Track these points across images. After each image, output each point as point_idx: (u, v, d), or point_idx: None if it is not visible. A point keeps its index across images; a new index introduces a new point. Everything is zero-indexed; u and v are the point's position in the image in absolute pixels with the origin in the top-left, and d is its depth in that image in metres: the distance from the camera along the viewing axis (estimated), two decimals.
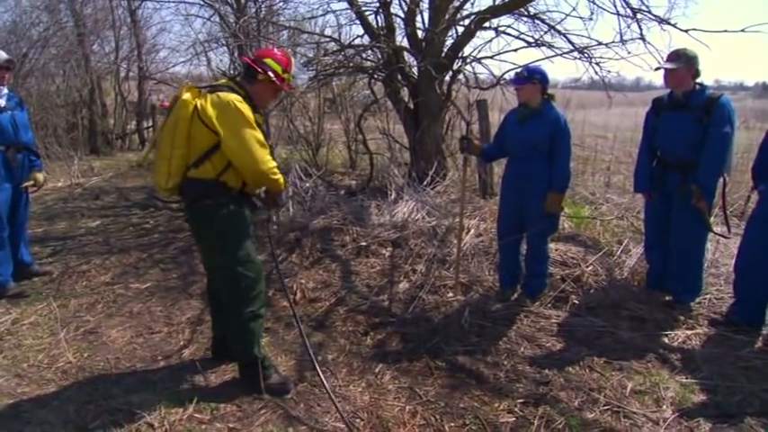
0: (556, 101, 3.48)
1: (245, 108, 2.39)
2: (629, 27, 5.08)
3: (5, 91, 3.78)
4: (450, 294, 3.71)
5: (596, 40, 5.43)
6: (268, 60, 2.53)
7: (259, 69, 2.50)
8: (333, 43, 6.58)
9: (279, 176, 2.51)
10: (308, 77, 6.62)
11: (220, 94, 2.38)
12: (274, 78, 2.51)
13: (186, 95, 2.38)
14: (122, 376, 2.82)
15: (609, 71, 5.58)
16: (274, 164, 2.47)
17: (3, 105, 3.74)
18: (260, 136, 2.41)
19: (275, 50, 2.65)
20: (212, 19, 6.51)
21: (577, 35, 5.64)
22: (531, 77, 3.34)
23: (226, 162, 2.42)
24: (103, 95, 11.53)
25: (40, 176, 4.05)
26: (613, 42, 5.23)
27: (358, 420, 2.46)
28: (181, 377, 2.81)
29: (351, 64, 6.31)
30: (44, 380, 2.77)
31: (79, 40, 10.03)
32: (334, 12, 7.00)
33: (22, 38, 9.40)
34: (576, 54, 5.50)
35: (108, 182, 8.10)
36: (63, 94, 10.26)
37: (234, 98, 2.38)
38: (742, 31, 4.36)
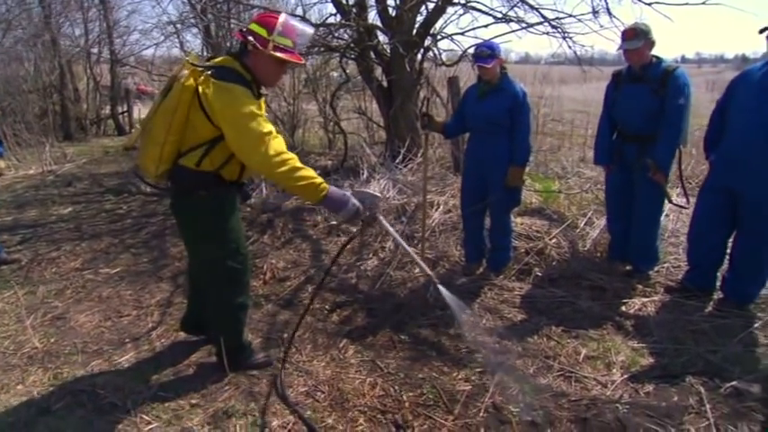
0: (523, 75, 3.50)
1: (251, 102, 2.18)
2: (601, 1, 5.10)
3: None
4: (417, 270, 3.78)
5: (565, 13, 5.45)
6: (252, 25, 2.28)
7: (244, 40, 2.28)
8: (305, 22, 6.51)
9: (305, 183, 2.20)
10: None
11: (227, 84, 2.17)
12: (260, 46, 2.22)
13: (189, 81, 2.19)
14: (89, 360, 2.85)
15: (583, 45, 5.63)
16: (295, 170, 2.19)
17: None
18: (268, 141, 2.15)
19: (272, 14, 2.35)
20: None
21: (551, 9, 5.66)
22: (495, 54, 3.35)
23: (226, 157, 2.31)
24: (75, 80, 11.30)
25: (2, 164, 4.01)
26: (583, 14, 5.26)
27: (318, 393, 2.52)
28: (147, 358, 2.85)
29: (322, 43, 6.26)
30: (9, 365, 2.79)
31: (45, 22, 9.77)
32: None
33: None
34: (548, 28, 5.51)
35: (81, 168, 8.00)
36: (32, 78, 10.02)
37: (240, 92, 2.18)
38: (703, 3, 4.42)
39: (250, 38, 2.25)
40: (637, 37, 3.24)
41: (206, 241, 2.46)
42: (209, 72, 2.22)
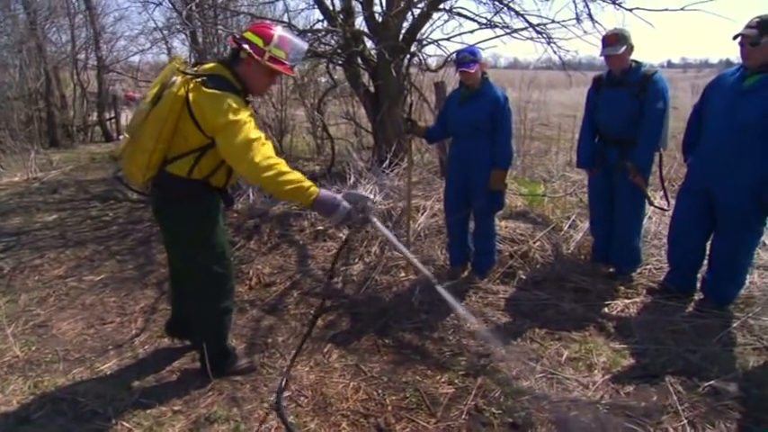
0: (510, 80, 3.54)
1: (243, 110, 2.19)
2: (585, 6, 5.18)
3: None
4: (402, 274, 3.79)
5: (549, 19, 5.52)
6: (247, 34, 2.30)
7: (237, 45, 2.29)
8: (290, 29, 6.54)
9: (292, 187, 2.20)
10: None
11: (217, 92, 2.17)
12: (252, 52, 2.24)
13: (181, 90, 2.19)
14: (70, 367, 2.83)
15: (567, 51, 5.72)
16: (285, 176, 2.18)
17: None
18: (259, 149, 2.16)
19: (267, 25, 2.39)
20: (164, 4, 6.37)
21: (535, 15, 5.73)
22: (477, 59, 3.38)
23: (215, 165, 2.33)
24: (62, 86, 11.22)
25: None
26: (566, 20, 5.33)
27: (302, 398, 2.52)
28: (130, 365, 2.83)
29: (309, 49, 6.27)
30: None
31: (31, 28, 9.71)
32: None
33: None
34: (532, 33, 5.58)
35: (67, 175, 7.94)
36: (17, 85, 9.94)
37: (232, 101, 2.18)
38: (681, 9, 4.49)
39: (246, 46, 2.26)
40: (619, 42, 3.29)
41: (192, 247, 2.46)
42: (200, 80, 2.22)
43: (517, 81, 11.89)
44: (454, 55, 4.08)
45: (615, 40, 3.30)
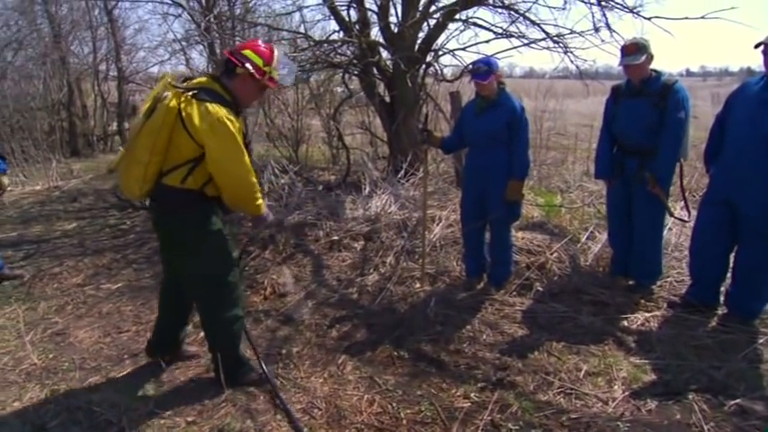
0: (527, 90, 3.52)
1: (236, 127, 2.30)
2: (603, 15, 5.14)
3: None
4: (418, 285, 3.76)
5: (566, 29, 5.49)
6: (247, 52, 2.39)
7: (237, 62, 2.37)
8: (307, 40, 6.60)
9: (260, 202, 2.45)
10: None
11: (209, 106, 2.26)
12: (254, 71, 2.36)
13: (173, 102, 2.26)
14: (86, 376, 2.84)
15: (585, 60, 5.67)
16: (258, 189, 2.42)
17: None
18: (246, 160, 2.34)
19: (259, 42, 2.49)
20: (183, 17, 6.49)
21: (552, 25, 5.69)
22: (492, 70, 3.36)
23: (209, 175, 2.37)
24: (83, 97, 11.45)
25: (5, 180, 4.05)
26: (586, 31, 5.30)
27: (315, 410, 2.50)
28: (145, 374, 2.84)
29: (326, 59, 6.32)
30: (7, 382, 2.79)
31: (55, 41, 9.95)
32: (308, 8, 7.02)
33: None
34: (549, 43, 5.55)
35: (87, 184, 8.07)
36: (41, 96, 10.17)
37: (224, 114, 2.27)
38: (702, 17, 4.43)
39: (248, 65, 2.36)
40: (638, 51, 3.25)
41: (196, 256, 2.48)
42: (191, 93, 2.30)
43: (533, 90, 11.86)
44: (471, 65, 4.07)
45: (635, 50, 3.26)
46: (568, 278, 3.78)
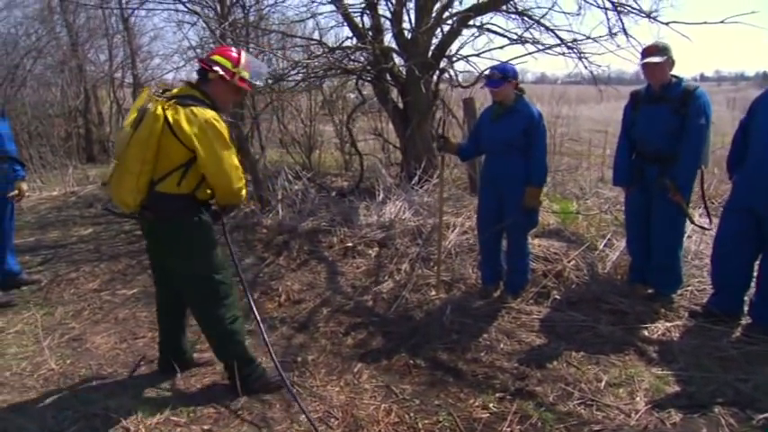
0: (539, 95, 3.49)
1: (223, 126, 2.38)
2: (617, 21, 5.10)
3: None
4: (433, 293, 3.73)
5: (583, 35, 5.45)
6: (216, 57, 2.49)
7: (208, 67, 2.47)
8: (320, 46, 6.62)
9: (245, 192, 2.56)
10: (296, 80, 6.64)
11: (194, 109, 2.32)
12: (223, 74, 2.44)
13: (158, 110, 2.30)
14: (103, 382, 2.85)
15: (599, 66, 5.61)
16: (243, 183, 2.51)
17: None
18: (235, 157, 2.44)
19: (230, 48, 2.60)
20: (198, 24, 6.53)
21: (566, 30, 5.66)
22: (507, 77, 3.34)
23: (200, 177, 2.43)
24: (99, 104, 11.59)
25: (24, 186, 4.09)
26: (601, 36, 5.25)
27: (332, 419, 2.48)
28: (161, 381, 2.83)
29: (339, 66, 6.34)
30: (25, 387, 2.80)
31: (72, 49, 10.10)
32: (321, 14, 7.03)
33: (15, 48, 9.46)
34: (563, 49, 5.52)
35: (102, 190, 8.15)
36: (58, 103, 10.32)
37: (211, 116, 2.35)
38: (721, 22, 4.37)
39: (217, 68, 2.45)
40: (659, 53, 3.21)
41: (189, 259, 2.52)
42: (175, 100, 2.36)
43: (546, 96, 11.79)
44: (486, 71, 4.05)
45: (655, 50, 3.23)
46: (586, 286, 3.73)
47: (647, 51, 3.25)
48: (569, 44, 5.47)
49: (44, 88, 10.31)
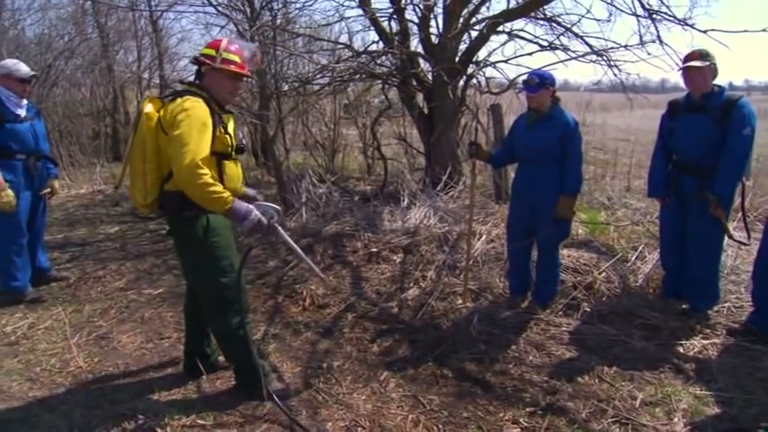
0: (561, 101, 3.43)
1: (197, 110, 2.28)
2: (648, 29, 5.00)
3: (25, 102, 3.89)
4: (460, 301, 3.67)
5: (614, 42, 5.36)
6: (203, 51, 2.50)
7: (197, 63, 2.48)
8: (347, 50, 6.63)
9: (218, 196, 2.23)
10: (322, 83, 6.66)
11: (179, 99, 2.33)
12: (208, 61, 2.42)
13: (149, 108, 2.35)
14: (130, 381, 2.86)
15: (629, 73, 5.50)
16: (209, 182, 2.21)
17: (23, 116, 3.85)
18: (201, 146, 2.22)
19: (218, 39, 2.56)
20: (227, 27, 6.60)
21: (595, 37, 5.57)
22: (544, 83, 3.29)
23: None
24: (127, 104, 11.80)
25: (57, 184, 4.16)
26: (632, 45, 5.15)
27: (359, 429, 2.44)
28: (187, 383, 2.83)
29: (365, 70, 6.33)
30: (55, 384, 2.83)
31: (103, 50, 10.30)
32: (348, 18, 7.05)
33: (49, 49, 9.68)
34: (593, 57, 5.43)
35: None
36: (87, 103, 10.53)
37: (189, 104, 2.29)
38: (763, 30, 4.23)
39: (202, 58, 2.45)
40: (701, 58, 3.13)
41: (197, 260, 2.50)
42: (168, 98, 2.39)
43: (569, 103, 11.60)
44: (521, 78, 3.99)
45: (698, 56, 3.14)
46: (617, 299, 3.63)
47: (689, 57, 3.17)
48: (599, 51, 5.38)
49: (74, 88, 10.53)
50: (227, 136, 2.41)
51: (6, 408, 2.62)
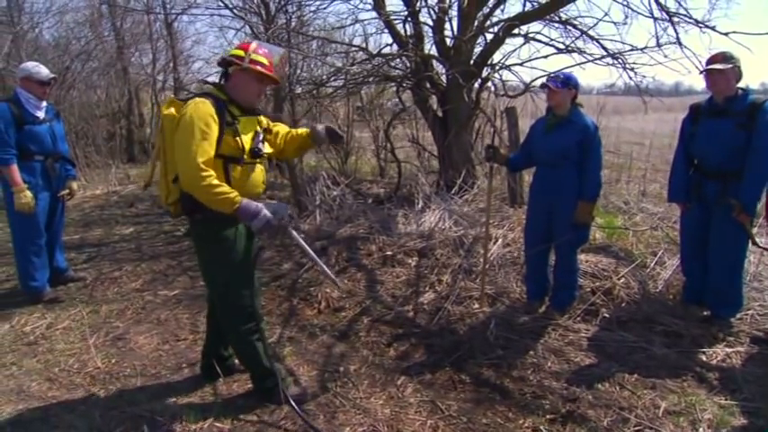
0: (584, 107, 3.39)
1: (199, 111, 2.25)
2: (665, 31, 4.94)
3: (44, 104, 3.93)
4: (476, 306, 3.64)
5: (630, 45, 5.30)
6: (230, 51, 2.50)
7: (225, 65, 2.49)
8: (361, 52, 6.63)
9: (218, 192, 2.21)
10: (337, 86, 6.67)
11: (190, 102, 2.32)
12: (238, 62, 2.40)
13: (169, 110, 2.36)
14: (147, 383, 2.86)
15: (644, 76, 5.44)
16: (211, 181, 2.20)
17: (42, 117, 3.89)
18: (202, 148, 2.20)
19: (244, 42, 2.58)
20: (243, 30, 6.64)
21: (610, 40, 5.51)
22: (569, 83, 3.26)
23: (220, 176, 2.35)
24: (141, 106, 11.91)
25: (75, 185, 4.19)
26: (648, 47, 5.09)
27: None
28: (203, 385, 2.83)
29: (379, 72, 6.32)
30: (73, 384, 2.84)
31: (119, 52, 10.41)
32: (362, 21, 7.04)
33: (66, 52, 9.81)
34: (609, 60, 5.38)
35: (143, 190, 8.32)
36: (103, 104, 10.65)
37: (194, 104, 2.28)
38: None
39: (230, 59, 2.44)
40: (724, 60, 3.09)
41: (211, 264, 2.49)
42: (187, 100, 2.38)
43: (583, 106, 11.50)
44: (538, 81, 3.95)
45: (721, 58, 3.10)
46: (637, 305, 3.57)
47: (713, 59, 3.12)
48: (615, 54, 5.32)
49: (90, 90, 10.65)
50: (238, 140, 2.34)
51: (26, 407, 2.64)
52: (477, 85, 5.95)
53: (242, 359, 2.69)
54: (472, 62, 5.83)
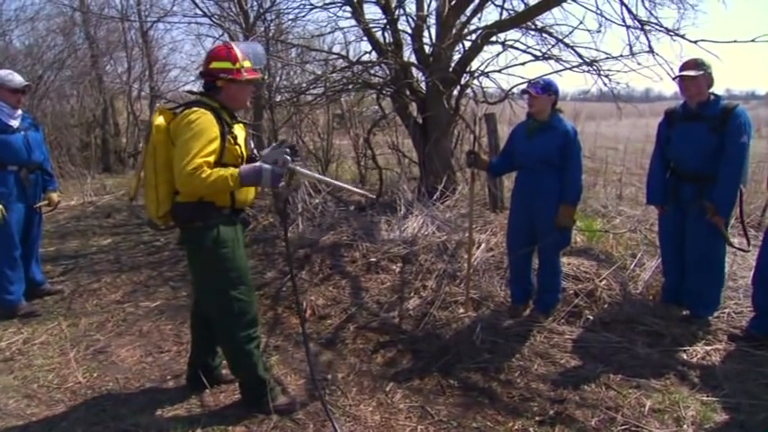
0: (564, 114, 3.46)
1: (203, 122, 2.26)
2: (637, 39, 5.08)
3: (19, 112, 3.83)
4: (462, 310, 3.66)
5: (605, 53, 5.43)
6: (215, 65, 2.40)
7: (212, 79, 2.41)
8: (341, 60, 6.65)
9: (217, 178, 2.23)
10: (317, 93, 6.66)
11: (186, 111, 2.32)
12: (231, 76, 2.37)
13: (159, 120, 2.35)
14: (131, 396, 2.80)
15: (618, 83, 5.58)
16: (204, 170, 2.21)
17: (16, 126, 3.80)
18: (204, 149, 2.22)
19: (220, 49, 2.45)
20: (221, 38, 6.59)
21: (586, 47, 5.63)
22: (549, 89, 3.32)
23: None
24: (116, 115, 11.70)
25: (55, 196, 4.10)
26: (622, 55, 5.22)
27: None
28: (189, 397, 2.78)
29: (359, 80, 6.34)
30: (53, 400, 2.76)
31: (93, 61, 10.22)
32: (342, 29, 7.07)
33: (38, 61, 9.58)
34: (584, 67, 5.50)
35: (120, 200, 8.15)
36: (77, 114, 10.43)
37: (196, 114, 2.28)
38: (752, 41, 4.33)
39: (222, 75, 2.37)
40: (696, 67, 3.19)
41: (208, 272, 2.47)
42: (178, 110, 2.38)
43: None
44: (516, 88, 4.02)
45: (693, 65, 3.20)
46: (619, 306, 3.64)
47: (685, 66, 3.23)
48: (590, 62, 5.45)
49: (64, 99, 10.42)
50: (237, 146, 2.39)
51: (4, 426, 2.55)
52: (456, 91, 6.02)
53: (237, 368, 2.63)
54: (451, 69, 5.88)
